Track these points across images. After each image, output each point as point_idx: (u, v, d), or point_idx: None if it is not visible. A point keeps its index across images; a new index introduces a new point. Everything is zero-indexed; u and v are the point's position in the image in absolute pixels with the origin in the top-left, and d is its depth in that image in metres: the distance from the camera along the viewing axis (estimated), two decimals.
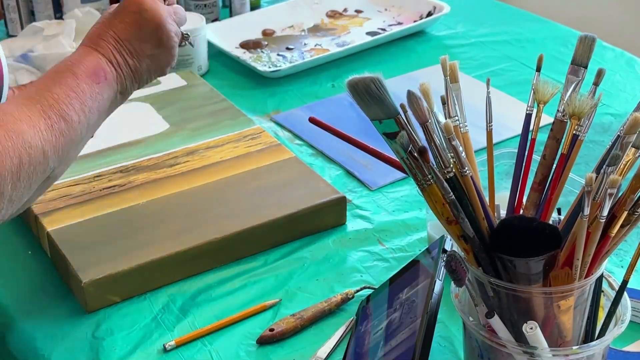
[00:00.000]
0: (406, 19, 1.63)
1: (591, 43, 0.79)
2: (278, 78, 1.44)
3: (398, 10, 1.66)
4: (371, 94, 0.72)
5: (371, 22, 1.63)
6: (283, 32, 1.60)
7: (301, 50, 1.51)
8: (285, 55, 1.49)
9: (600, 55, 1.50)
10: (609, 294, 0.80)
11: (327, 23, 1.63)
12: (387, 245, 1.07)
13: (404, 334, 0.81)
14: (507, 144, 1.25)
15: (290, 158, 1.17)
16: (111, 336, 0.93)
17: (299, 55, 1.50)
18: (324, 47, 1.52)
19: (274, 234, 1.06)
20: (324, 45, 1.53)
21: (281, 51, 1.51)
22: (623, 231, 0.73)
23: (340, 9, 1.67)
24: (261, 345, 0.92)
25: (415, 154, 0.73)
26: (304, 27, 1.61)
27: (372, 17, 1.65)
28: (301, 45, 1.54)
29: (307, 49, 1.52)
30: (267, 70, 1.42)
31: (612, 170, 0.71)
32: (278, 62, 1.48)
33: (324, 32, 1.57)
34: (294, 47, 1.52)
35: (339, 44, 1.53)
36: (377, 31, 1.58)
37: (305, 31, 1.60)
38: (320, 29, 1.61)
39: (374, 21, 1.63)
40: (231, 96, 1.36)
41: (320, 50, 1.51)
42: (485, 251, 0.75)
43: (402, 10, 1.66)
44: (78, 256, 0.99)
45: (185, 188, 1.11)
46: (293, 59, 1.48)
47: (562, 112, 0.77)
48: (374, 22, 1.63)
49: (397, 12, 1.66)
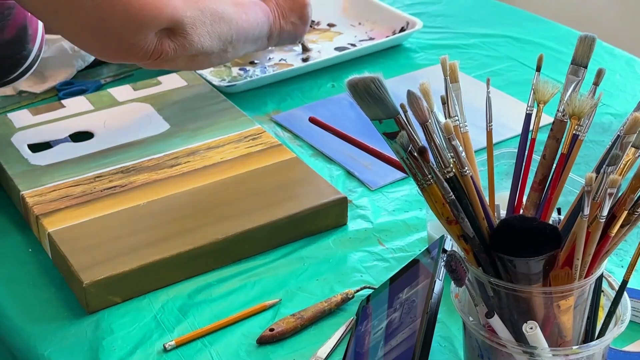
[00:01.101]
0: (378, 35, 1.58)
1: (591, 43, 0.79)
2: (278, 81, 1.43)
3: (371, 25, 1.61)
4: (371, 94, 0.72)
5: (342, 37, 1.58)
6: None
7: (264, 65, 1.47)
8: (247, 69, 1.46)
9: (600, 55, 1.50)
10: (609, 293, 0.80)
11: None
12: (387, 245, 1.07)
13: (404, 334, 0.81)
14: (507, 144, 1.25)
15: (291, 158, 1.17)
16: (111, 336, 0.94)
17: (261, 70, 1.46)
18: (288, 62, 1.48)
19: (275, 234, 1.06)
20: (288, 60, 1.49)
21: (245, 65, 1.47)
22: (623, 231, 0.73)
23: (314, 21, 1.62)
24: (261, 345, 0.92)
25: (415, 153, 0.73)
26: None
27: (344, 31, 1.60)
28: (265, 59, 1.50)
29: (270, 64, 1.48)
30: (222, 85, 1.38)
31: (612, 170, 0.71)
32: (239, 77, 1.44)
33: (291, 47, 1.52)
34: (258, 62, 1.48)
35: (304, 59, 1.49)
36: (346, 46, 1.54)
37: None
38: None
39: (345, 36, 1.58)
40: (231, 96, 1.36)
41: (284, 65, 1.47)
42: (485, 251, 0.75)
43: (375, 25, 1.61)
44: (79, 257, 0.99)
45: (186, 189, 1.11)
46: (254, 74, 1.44)
47: (562, 112, 0.77)
48: (344, 36, 1.58)
49: (370, 27, 1.61)
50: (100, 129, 1.25)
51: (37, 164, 1.16)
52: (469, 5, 1.75)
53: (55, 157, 1.17)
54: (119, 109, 1.30)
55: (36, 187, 1.11)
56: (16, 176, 1.13)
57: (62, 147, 1.20)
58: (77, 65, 1.43)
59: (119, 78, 1.45)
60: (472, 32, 1.62)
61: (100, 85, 1.42)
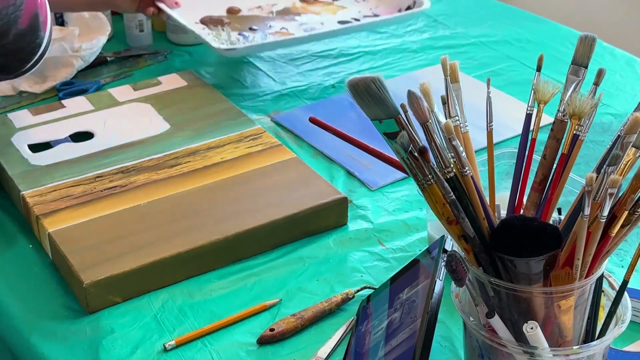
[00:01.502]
0: (383, 11, 1.54)
1: (591, 43, 0.79)
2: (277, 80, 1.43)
3: (376, 2, 1.57)
4: (371, 94, 0.72)
5: (345, 11, 1.53)
6: (250, 11, 1.50)
7: (264, 32, 1.41)
8: (246, 35, 1.40)
9: (600, 55, 1.50)
10: (609, 294, 0.80)
11: (298, 7, 1.54)
12: (388, 245, 1.07)
13: (405, 334, 0.81)
14: (507, 144, 1.25)
15: (291, 158, 1.17)
16: (111, 336, 0.94)
17: (262, 37, 1.40)
18: (289, 31, 1.42)
19: (276, 234, 1.06)
20: (290, 29, 1.43)
21: (244, 31, 1.42)
22: (623, 231, 0.73)
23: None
24: (261, 345, 0.92)
25: (415, 153, 0.73)
26: (273, 10, 1.52)
27: (348, 6, 1.56)
28: (266, 27, 1.44)
29: (271, 32, 1.42)
30: (221, 48, 1.32)
31: (612, 170, 0.71)
32: (237, 42, 1.38)
33: (293, 16, 1.47)
34: (257, 29, 1.42)
35: (307, 29, 1.44)
36: (349, 20, 1.50)
37: (274, 13, 1.51)
38: (290, 12, 1.52)
39: (348, 10, 1.54)
40: (232, 96, 1.36)
41: (285, 34, 1.42)
42: (486, 251, 0.75)
43: (380, 2, 1.57)
44: (79, 257, 0.99)
45: (186, 189, 1.11)
46: (254, 40, 1.38)
47: (562, 112, 0.77)
48: (348, 11, 1.53)
49: (375, 3, 1.57)
50: (100, 129, 1.25)
51: (37, 164, 1.16)
52: (469, 5, 1.75)
53: (55, 157, 1.17)
54: (119, 109, 1.30)
55: (36, 187, 1.11)
56: (16, 176, 1.13)
57: (62, 147, 1.20)
58: (77, 65, 1.43)
59: (119, 78, 1.45)
60: (472, 32, 1.62)
61: (100, 85, 1.42)
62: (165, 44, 1.58)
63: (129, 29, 1.58)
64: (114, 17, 1.62)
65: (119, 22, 1.60)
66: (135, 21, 1.56)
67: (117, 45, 1.57)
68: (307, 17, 1.50)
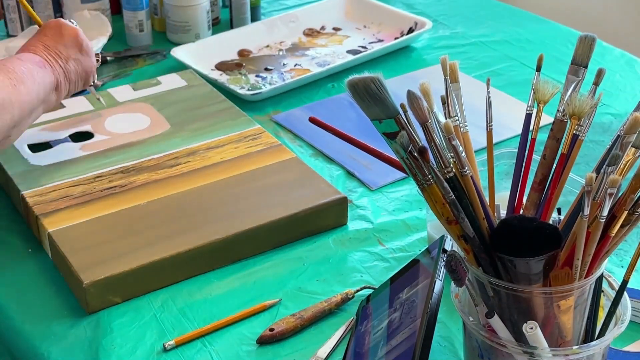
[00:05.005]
0: (386, 36, 1.58)
1: (591, 43, 0.79)
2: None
3: (377, 28, 1.61)
4: (371, 94, 0.72)
5: (350, 40, 1.58)
6: (260, 52, 1.54)
7: (280, 71, 1.46)
8: (264, 77, 1.44)
9: (600, 55, 1.50)
10: (609, 293, 0.80)
11: (305, 42, 1.58)
12: (387, 245, 1.07)
13: (404, 334, 0.81)
14: (507, 144, 1.25)
15: (291, 158, 1.17)
16: (111, 335, 0.94)
17: (279, 77, 1.45)
18: (303, 67, 1.48)
19: (275, 234, 1.06)
20: (303, 64, 1.49)
21: (260, 72, 1.46)
22: (623, 231, 0.73)
23: (318, 26, 1.62)
24: (261, 345, 0.92)
25: (415, 153, 0.73)
26: (282, 47, 1.55)
27: (350, 34, 1.60)
28: (280, 65, 1.48)
29: (286, 70, 1.47)
30: (248, 94, 1.37)
31: (612, 170, 0.71)
32: (257, 84, 1.42)
33: (302, 51, 1.52)
34: (272, 68, 1.47)
35: (320, 64, 1.48)
36: (358, 49, 1.53)
37: (283, 51, 1.54)
38: (299, 48, 1.55)
39: (353, 39, 1.58)
40: (231, 96, 1.36)
41: (301, 71, 1.46)
42: (486, 251, 0.75)
43: (381, 27, 1.61)
44: (79, 257, 0.99)
45: (186, 189, 1.11)
46: (273, 81, 1.43)
47: (562, 112, 0.77)
48: (353, 40, 1.58)
49: (376, 29, 1.61)
50: (101, 129, 1.24)
51: (37, 164, 1.16)
52: (469, 5, 1.75)
53: (55, 157, 1.17)
54: (119, 109, 1.29)
55: (36, 187, 1.10)
56: (16, 176, 1.13)
57: (62, 147, 1.20)
58: None
59: (118, 78, 1.45)
60: (472, 32, 1.62)
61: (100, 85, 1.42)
62: (165, 44, 1.58)
63: (129, 29, 1.58)
64: (114, 17, 1.63)
65: (119, 22, 1.60)
66: (135, 21, 1.56)
67: (117, 45, 1.57)
68: (315, 51, 1.54)
